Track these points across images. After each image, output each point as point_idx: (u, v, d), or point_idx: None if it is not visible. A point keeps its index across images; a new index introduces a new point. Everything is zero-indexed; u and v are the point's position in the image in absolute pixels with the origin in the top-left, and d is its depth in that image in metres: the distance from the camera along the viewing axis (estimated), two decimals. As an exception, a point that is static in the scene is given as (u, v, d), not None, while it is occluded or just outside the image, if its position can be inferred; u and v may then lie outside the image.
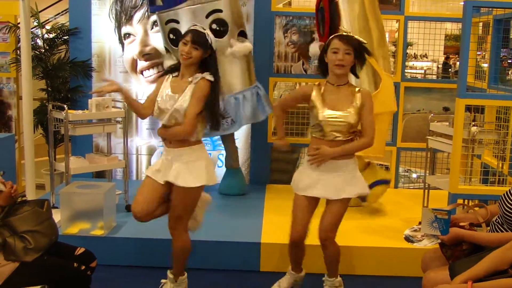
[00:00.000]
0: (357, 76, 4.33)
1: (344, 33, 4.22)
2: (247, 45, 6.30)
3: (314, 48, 6.65)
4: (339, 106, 4.13)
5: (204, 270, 4.83)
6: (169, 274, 4.49)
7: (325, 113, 4.11)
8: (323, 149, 4.12)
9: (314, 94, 4.19)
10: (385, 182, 6.35)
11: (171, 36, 6.19)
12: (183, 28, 5.94)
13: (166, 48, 6.44)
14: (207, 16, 6.10)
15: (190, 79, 4.16)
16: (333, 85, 4.18)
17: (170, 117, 4.15)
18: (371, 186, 6.30)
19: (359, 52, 4.12)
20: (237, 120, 6.27)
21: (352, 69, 4.21)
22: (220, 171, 7.31)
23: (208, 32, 4.19)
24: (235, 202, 6.60)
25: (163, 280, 4.52)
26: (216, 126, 4.25)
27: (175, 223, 4.34)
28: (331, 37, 4.15)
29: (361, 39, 4.20)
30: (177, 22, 6.11)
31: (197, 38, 4.09)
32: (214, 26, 6.13)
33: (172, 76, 4.26)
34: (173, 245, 4.40)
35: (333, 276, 4.47)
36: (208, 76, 4.14)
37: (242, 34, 6.40)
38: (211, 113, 4.19)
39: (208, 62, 4.19)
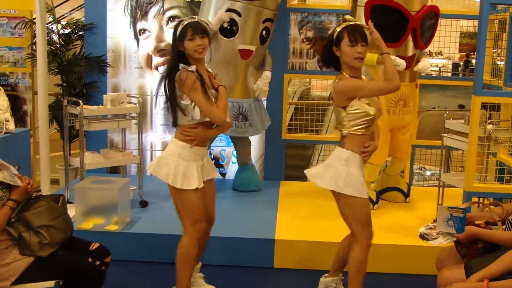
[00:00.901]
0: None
1: (352, 23, 4.03)
2: (262, 83, 6.46)
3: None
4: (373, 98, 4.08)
5: (218, 266, 4.84)
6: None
7: (373, 107, 3.98)
8: (373, 145, 4.06)
9: None
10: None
11: (225, 25, 6.21)
12: (241, 23, 6.15)
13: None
14: (264, 21, 6.23)
15: (212, 72, 4.19)
16: (357, 78, 4.01)
17: None
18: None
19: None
20: (253, 125, 6.37)
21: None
22: (234, 167, 7.33)
23: (198, 17, 4.12)
24: (249, 199, 6.60)
25: None
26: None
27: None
28: (340, 28, 3.96)
29: (367, 26, 4.06)
30: (239, 15, 6.17)
31: (199, 27, 4.01)
32: (264, 32, 6.31)
33: (193, 71, 4.03)
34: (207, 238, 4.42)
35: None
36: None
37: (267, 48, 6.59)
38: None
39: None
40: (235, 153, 7.34)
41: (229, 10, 6.17)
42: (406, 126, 6.22)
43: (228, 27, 6.19)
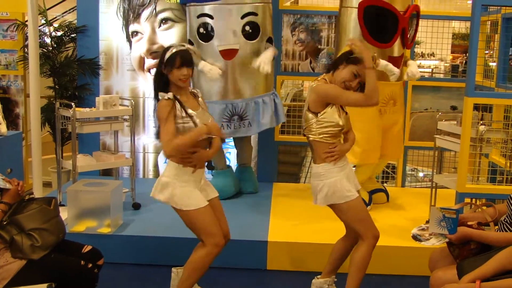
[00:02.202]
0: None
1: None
2: (268, 54, 6.30)
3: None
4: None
5: (210, 268, 4.81)
6: None
7: (342, 118, 4.09)
8: (340, 146, 4.10)
9: None
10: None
11: (201, 30, 6.20)
12: (216, 24, 6.06)
13: (189, 41, 6.39)
14: (242, 17, 6.12)
15: (197, 96, 4.20)
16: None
17: None
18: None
19: None
20: (253, 124, 6.27)
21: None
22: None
23: (187, 45, 4.13)
24: (242, 201, 6.60)
25: None
26: None
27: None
28: (347, 61, 4.02)
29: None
30: (211, 17, 6.11)
31: (188, 58, 4.01)
32: (247, 28, 6.17)
33: (170, 98, 3.98)
34: None
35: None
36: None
37: (269, 41, 6.42)
38: None
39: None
40: (228, 155, 7.34)
41: (200, 15, 6.16)
42: (395, 124, 6.23)
43: (204, 32, 6.17)
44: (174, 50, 4.01)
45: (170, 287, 4.36)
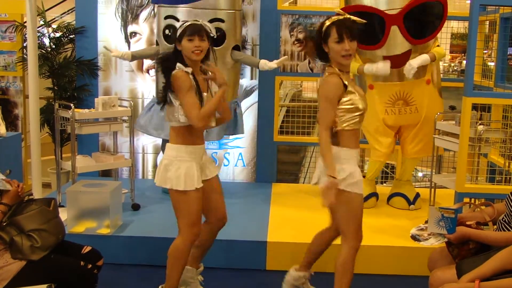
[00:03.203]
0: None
1: (342, 17, 3.95)
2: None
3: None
4: (361, 92, 4.03)
5: (210, 268, 4.83)
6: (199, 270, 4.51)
7: (363, 101, 3.94)
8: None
9: (347, 87, 3.90)
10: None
11: (167, 32, 6.22)
12: None
13: (156, 41, 6.44)
14: (211, 22, 6.11)
15: (205, 75, 4.13)
16: (347, 73, 3.98)
17: None
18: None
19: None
20: (212, 130, 6.14)
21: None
22: (226, 169, 7.35)
23: (202, 21, 4.11)
24: (241, 201, 6.60)
25: None
26: None
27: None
28: (328, 23, 3.88)
29: (357, 19, 3.99)
30: (177, 20, 6.12)
31: (200, 29, 4.00)
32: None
33: (188, 72, 3.98)
34: (214, 237, 4.47)
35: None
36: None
37: (236, 48, 6.43)
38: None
39: (207, 54, 4.12)
40: (227, 155, 7.35)
41: (167, 17, 6.17)
42: (413, 126, 6.17)
43: (170, 34, 6.17)
44: (186, 23, 4.02)
45: None
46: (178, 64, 3.98)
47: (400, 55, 5.87)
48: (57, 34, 7.71)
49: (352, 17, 3.96)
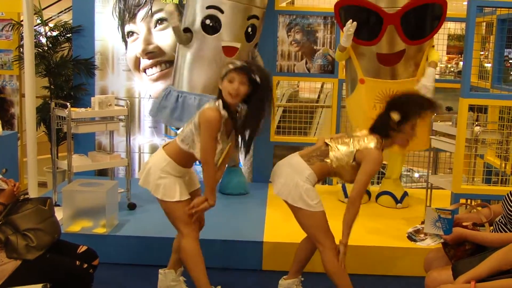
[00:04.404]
0: None
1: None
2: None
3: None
4: None
5: (206, 268, 4.82)
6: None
7: None
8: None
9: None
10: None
11: (208, 21, 6.18)
12: (225, 19, 6.10)
13: (186, 28, 6.33)
14: (248, 18, 6.20)
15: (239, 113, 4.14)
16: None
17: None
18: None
19: None
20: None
21: None
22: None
23: (250, 65, 4.01)
24: (237, 201, 6.60)
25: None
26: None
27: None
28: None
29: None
30: (221, 11, 6.12)
31: (244, 72, 3.92)
32: (249, 30, 6.27)
33: (220, 112, 3.99)
34: None
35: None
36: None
37: (256, 46, 6.59)
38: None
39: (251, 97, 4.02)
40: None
41: (210, 7, 6.14)
42: None
43: (211, 24, 6.17)
44: (231, 66, 3.95)
45: None
46: (219, 101, 3.98)
47: (394, 54, 5.88)
48: (54, 33, 7.71)
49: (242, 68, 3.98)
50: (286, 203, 4.18)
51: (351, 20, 5.73)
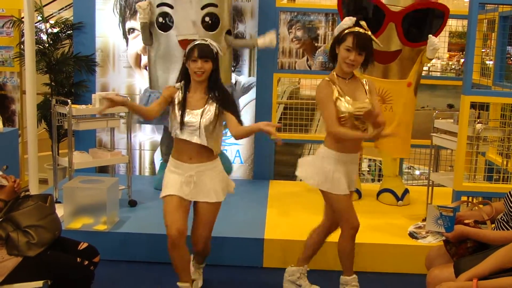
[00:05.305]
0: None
1: (363, 31, 4.10)
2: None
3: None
4: (358, 97, 4.15)
5: (207, 266, 4.83)
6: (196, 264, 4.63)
7: (349, 105, 4.08)
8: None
9: (336, 90, 4.12)
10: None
11: (160, 19, 6.22)
12: (176, 14, 6.07)
13: (150, 32, 6.41)
14: (202, 8, 6.14)
15: (212, 100, 4.19)
16: (344, 79, 4.17)
17: (195, 132, 4.13)
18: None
19: (370, 55, 4.11)
20: None
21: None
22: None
23: (210, 42, 4.19)
24: (238, 198, 6.57)
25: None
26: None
27: (207, 241, 4.44)
28: (346, 31, 4.09)
29: (376, 41, 4.18)
30: (171, 7, 6.14)
31: (204, 51, 4.08)
32: (207, 19, 6.21)
33: (181, 91, 4.20)
34: (199, 255, 4.57)
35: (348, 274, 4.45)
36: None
37: (229, 33, 6.49)
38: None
39: (213, 74, 4.18)
40: (224, 152, 7.33)
41: (160, 4, 6.17)
42: (387, 125, 6.15)
43: (164, 21, 6.18)
44: (194, 43, 4.13)
45: None
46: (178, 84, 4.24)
47: (390, 52, 5.89)
48: (55, 30, 7.69)
49: (371, 36, 4.14)
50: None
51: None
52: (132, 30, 7.40)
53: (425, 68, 15.15)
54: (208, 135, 4.13)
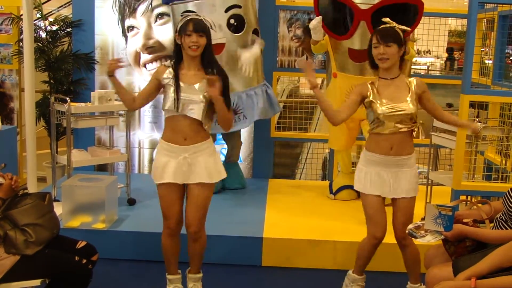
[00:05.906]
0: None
1: (383, 26, 4.12)
2: (253, 51, 6.27)
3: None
4: (397, 98, 4.09)
5: (205, 264, 4.81)
6: (192, 275, 4.49)
7: (384, 107, 4.05)
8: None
9: (370, 92, 4.11)
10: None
11: None
12: None
13: (175, 40, 6.34)
14: (226, 11, 6.08)
15: (204, 72, 4.14)
16: (386, 79, 4.13)
17: (192, 106, 4.07)
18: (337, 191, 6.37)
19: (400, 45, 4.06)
20: (248, 116, 6.22)
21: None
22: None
23: (204, 17, 4.19)
24: (237, 197, 6.59)
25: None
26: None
27: (200, 224, 4.32)
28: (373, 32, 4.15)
29: (401, 27, 4.13)
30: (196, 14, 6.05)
31: (200, 25, 4.06)
32: (232, 21, 6.12)
33: (173, 69, 4.15)
34: (195, 246, 4.38)
35: (416, 282, 4.44)
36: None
37: (255, 33, 6.38)
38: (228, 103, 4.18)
39: (207, 50, 4.13)
40: (223, 151, 7.32)
41: (184, 12, 6.05)
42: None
43: None
44: (187, 18, 4.11)
45: None
46: (167, 62, 4.24)
47: (365, 50, 5.87)
48: (54, 27, 7.68)
49: (397, 26, 4.12)
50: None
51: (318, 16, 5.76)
52: (131, 28, 7.39)
53: (424, 67, 15.14)
54: (204, 111, 4.09)
